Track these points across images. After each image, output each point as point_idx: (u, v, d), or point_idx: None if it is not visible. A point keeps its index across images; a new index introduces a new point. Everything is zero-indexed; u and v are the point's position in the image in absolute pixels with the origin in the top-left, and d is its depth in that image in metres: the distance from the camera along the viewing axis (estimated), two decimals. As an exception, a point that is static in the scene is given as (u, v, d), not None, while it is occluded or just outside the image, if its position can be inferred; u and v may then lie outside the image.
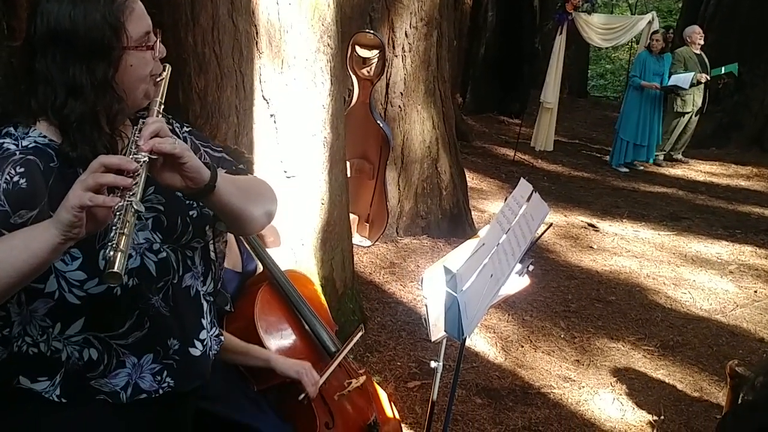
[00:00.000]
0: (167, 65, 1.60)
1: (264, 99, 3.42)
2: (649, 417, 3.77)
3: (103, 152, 1.45)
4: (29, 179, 1.42)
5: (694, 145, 10.47)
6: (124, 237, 1.29)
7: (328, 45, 3.62)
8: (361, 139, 5.48)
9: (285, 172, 3.54)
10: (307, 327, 2.63)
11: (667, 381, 4.15)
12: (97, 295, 1.49)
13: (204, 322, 1.74)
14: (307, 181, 3.67)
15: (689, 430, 3.68)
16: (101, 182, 1.29)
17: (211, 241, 1.74)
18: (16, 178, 1.40)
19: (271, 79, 3.41)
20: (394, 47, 5.74)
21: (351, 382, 2.66)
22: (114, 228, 1.30)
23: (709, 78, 9.20)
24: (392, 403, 2.93)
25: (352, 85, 5.46)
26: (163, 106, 1.56)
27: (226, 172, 1.68)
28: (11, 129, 1.48)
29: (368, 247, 5.72)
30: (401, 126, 5.93)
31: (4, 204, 1.39)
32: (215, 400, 2.21)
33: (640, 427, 3.69)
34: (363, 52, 5.32)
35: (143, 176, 1.37)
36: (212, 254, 1.76)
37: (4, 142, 1.45)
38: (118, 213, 1.31)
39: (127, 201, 1.32)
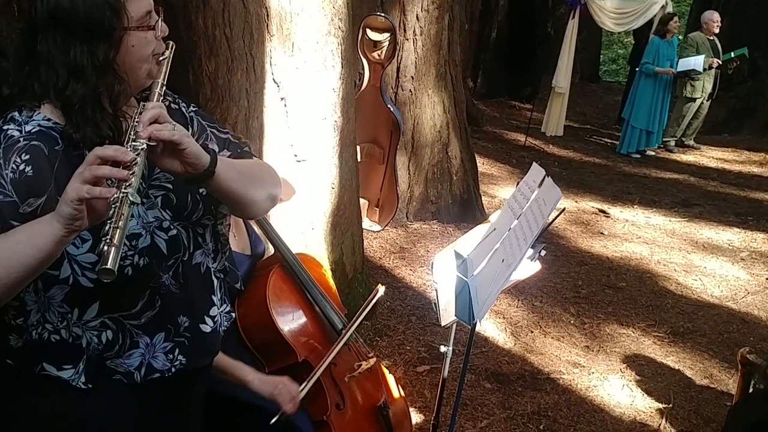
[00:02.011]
0: (171, 43, 1.59)
1: (274, 82, 3.40)
2: (659, 404, 3.76)
3: (107, 133, 1.47)
4: (35, 166, 1.42)
5: (707, 131, 10.39)
6: (118, 231, 1.29)
7: (339, 28, 3.60)
8: (371, 124, 5.46)
9: (295, 156, 3.53)
10: (317, 309, 2.64)
11: (677, 368, 4.14)
12: None
13: (214, 298, 1.74)
14: (318, 165, 3.66)
15: (699, 417, 3.67)
16: (98, 174, 1.29)
17: (217, 223, 1.74)
18: (22, 167, 1.40)
19: (281, 62, 3.39)
20: (405, 30, 5.71)
21: (361, 365, 2.66)
22: (109, 222, 1.30)
23: (720, 62, 9.10)
24: (400, 387, 2.94)
25: (363, 69, 5.44)
26: (164, 87, 1.56)
27: (230, 155, 1.68)
28: (15, 114, 1.48)
29: (378, 231, 5.72)
30: (412, 110, 5.91)
31: (12, 194, 1.39)
32: (227, 382, 2.21)
33: (649, 413, 3.68)
34: (374, 36, 5.28)
35: (141, 165, 1.36)
36: (219, 228, 1.76)
37: (8, 129, 1.45)
38: (113, 205, 1.31)
39: (123, 193, 1.31)
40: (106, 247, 1.28)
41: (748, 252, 6.06)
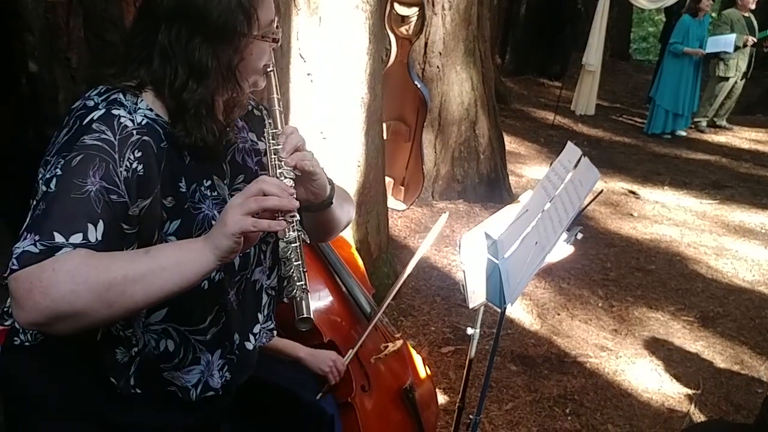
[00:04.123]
0: (272, 54, 1.53)
1: (301, 57, 3.35)
2: (688, 390, 3.69)
3: (212, 140, 1.41)
4: (146, 165, 1.34)
5: (740, 112, 10.18)
6: (305, 273, 1.28)
7: (367, 2, 3.52)
8: (398, 100, 5.39)
9: (321, 133, 3.48)
10: (345, 289, 2.60)
11: (706, 353, 4.06)
12: None
13: (260, 315, 1.69)
14: (344, 142, 3.61)
15: (729, 404, 3.60)
16: (264, 206, 1.25)
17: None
18: (135, 165, 1.32)
19: (308, 37, 3.33)
20: (433, 5, 5.61)
21: (387, 346, 2.63)
22: (296, 266, 1.28)
23: (755, 41, 8.87)
24: (427, 367, 2.90)
25: (390, 44, 5.36)
26: (281, 102, 1.51)
27: None
28: (120, 96, 1.38)
29: (403, 210, 5.66)
30: (439, 87, 5.82)
31: (124, 194, 1.31)
32: (263, 367, 2.19)
33: (678, 399, 3.61)
34: (402, 10, 5.19)
35: None
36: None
37: (120, 116, 1.34)
38: (291, 245, 1.29)
39: (298, 230, 1.31)
40: (298, 293, 1.27)
41: (782, 236, 5.93)
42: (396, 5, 5.19)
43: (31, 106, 2.56)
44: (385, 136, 4.41)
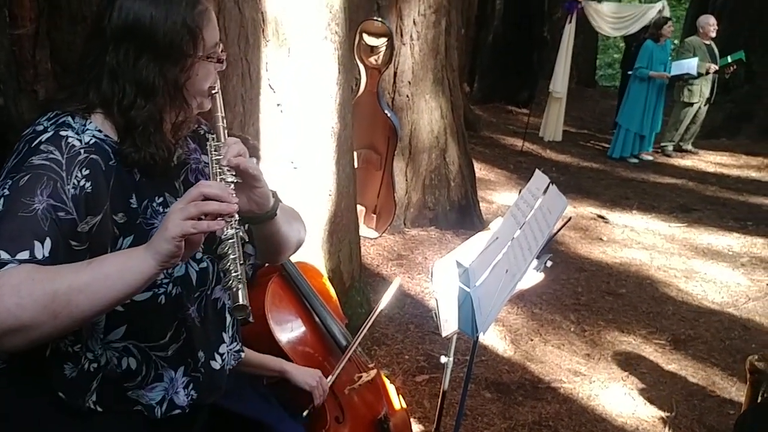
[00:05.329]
0: (217, 76, 1.56)
1: (270, 88, 3.35)
2: (662, 412, 3.70)
3: (162, 156, 1.44)
4: (94, 182, 1.36)
5: (704, 136, 10.36)
6: (242, 266, 1.30)
7: (336, 33, 3.55)
8: (368, 129, 5.41)
9: (291, 162, 3.48)
10: (317, 319, 2.59)
11: (679, 375, 4.09)
12: (141, 302, 1.46)
13: (225, 336, 1.70)
14: (314, 172, 3.60)
15: (702, 426, 3.62)
16: (205, 210, 1.27)
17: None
18: (83, 182, 1.35)
19: (277, 68, 3.34)
20: (402, 35, 5.66)
21: (361, 377, 2.61)
22: (232, 258, 1.30)
23: (717, 68, 9.08)
24: (401, 398, 2.88)
25: (360, 74, 5.39)
26: (225, 120, 1.52)
27: None
28: (69, 119, 1.41)
29: (375, 238, 5.66)
30: (409, 115, 5.86)
31: (72, 211, 1.33)
32: (224, 396, 2.16)
33: (652, 422, 3.63)
34: (371, 40, 5.24)
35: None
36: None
37: (68, 136, 1.37)
38: (228, 241, 1.31)
39: (236, 228, 1.32)
40: (235, 284, 1.28)
41: (749, 257, 6.02)
42: (365, 36, 5.23)
43: (-3, 138, 2.53)
44: (356, 165, 4.42)
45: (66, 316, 1.24)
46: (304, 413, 2.30)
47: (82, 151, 1.37)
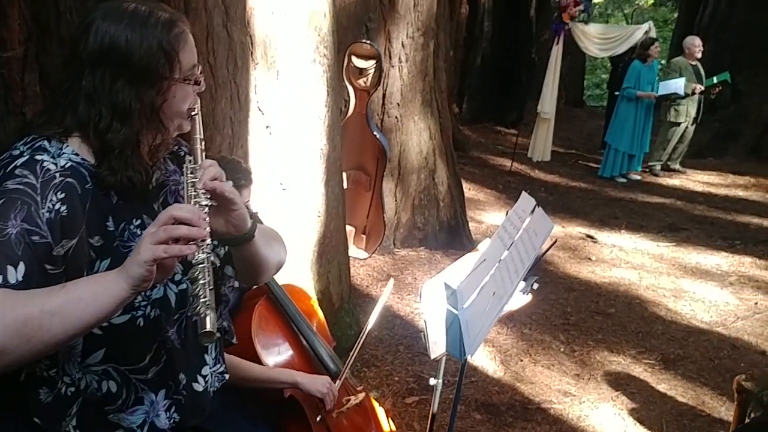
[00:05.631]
0: (197, 97, 1.57)
1: (259, 110, 3.36)
2: (652, 433, 3.70)
3: (140, 178, 1.44)
4: (69, 205, 1.36)
5: (692, 155, 10.44)
6: (211, 292, 1.30)
7: (324, 55, 3.57)
8: (357, 150, 5.43)
9: (281, 184, 3.48)
10: (305, 342, 2.58)
11: (668, 395, 4.09)
12: (119, 325, 1.45)
13: (207, 357, 1.69)
14: (303, 193, 3.61)
15: (692, 446, 3.62)
16: (175, 235, 1.26)
17: (221, 284, 1.71)
18: (58, 206, 1.35)
19: (266, 90, 3.35)
20: (390, 57, 5.70)
21: (350, 399, 2.60)
22: (199, 285, 1.29)
23: (702, 89, 9.17)
24: (390, 420, 2.87)
25: (348, 96, 5.42)
26: (203, 143, 1.52)
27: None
28: (45, 143, 1.41)
29: (365, 259, 5.66)
30: (398, 136, 5.88)
31: (47, 235, 1.33)
32: (211, 419, 2.15)
33: (642, 443, 3.63)
34: (359, 63, 5.27)
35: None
36: (222, 289, 1.71)
37: (43, 160, 1.38)
38: (199, 266, 1.30)
39: (207, 253, 1.31)
40: (203, 310, 1.27)
41: (737, 276, 6.04)
42: (354, 58, 5.26)
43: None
44: (345, 186, 4.43)
45: (39, 341, 1.23)
46: (318, 418, 2.43)
47: (57, 174, 1.37)
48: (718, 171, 10.21)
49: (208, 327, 1.28)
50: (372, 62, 5.28)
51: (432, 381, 2.40)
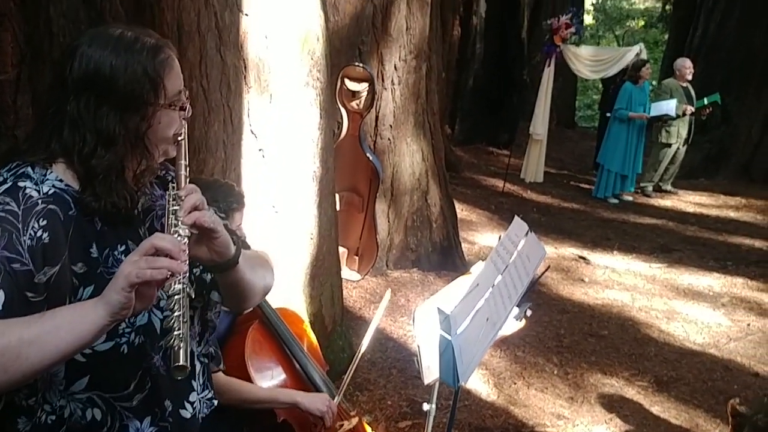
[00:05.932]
0: (183, 123, 1.56)
1: (252, 133, 3.37)
2: (646, 456, 3.69)
3: (124, 204, 1.44)
4: (51, 232, 1.35)
5: (683, 176, 10.49)
6: (185, 325, 1.28)
7: (317, 79, 3.59)
8: (350, 172, 5.44)
9: (273, 207, 3.48)
10: (298, 366, 2.57)
11: (662, 417, 4.08)
12: (103, 352, 1.44)
13: (194, 383, 1.67)
14: (296, 216, 3.61)
15: (686, 470, 3.61)
16: (155, 266, 1.25)
17: (207, 309, 1.70)
18: (39, 233, 1.34)
19: (259, 113, 3.36)
20: (383, 80, 5.72)
21: (343, 425, 2.59)
22: (176, 316, 1.29)
23: (693, 110, 9.24)
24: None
25: (341, 118, 5.43)
26: (188, 169, 1.52)
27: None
28: (29, 170, 1.41)
29: (357, 281, 5.65)
30: (391, 158, 5.89)
31: (29, 263, 1.32)
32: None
33: (636, 466, 3.61)
34: (352, 85, 5.29)
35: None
36: (209, 315, 1.70)
37: (25, 187, 1.37)
38: (175, 297, 1.30)
39: (183, 284, 1.31)
40: (176, 342, 1.27)
41: (729, 297, 6.05)
42: (346, 81, 5.28)
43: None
44: (338, 207, 4.43)
45: (16, 370, 1.23)
46: None
47: (39, 201, 1.36)
48: (710, 192, 10.26)
49: (181, 361, 1.27)
50: (365, 85, 5.30)
51: (426, 406, 2.39)
